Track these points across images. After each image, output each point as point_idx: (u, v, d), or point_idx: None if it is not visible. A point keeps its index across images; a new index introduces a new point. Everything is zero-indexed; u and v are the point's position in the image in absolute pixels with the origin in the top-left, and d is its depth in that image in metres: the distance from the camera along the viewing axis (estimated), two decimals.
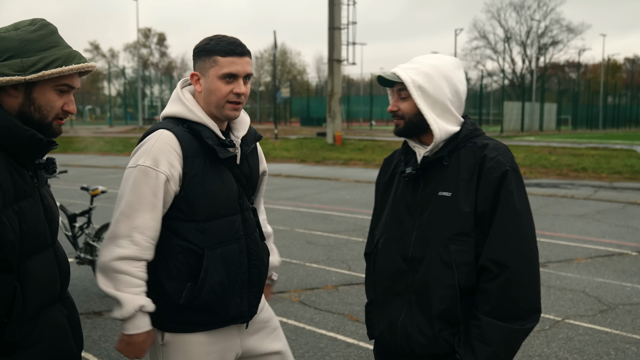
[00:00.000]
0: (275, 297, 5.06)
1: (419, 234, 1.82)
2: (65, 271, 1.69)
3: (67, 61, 1.51)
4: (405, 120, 1.85)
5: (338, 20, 23.21)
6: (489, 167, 1.74)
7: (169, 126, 1.83)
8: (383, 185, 2.03)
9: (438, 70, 1.81)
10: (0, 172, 1.43)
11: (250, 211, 1.98)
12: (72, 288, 5.29)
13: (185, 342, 1.88)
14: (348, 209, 9.58)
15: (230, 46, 1.80)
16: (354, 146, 21.91)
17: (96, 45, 70.13)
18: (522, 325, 1.70)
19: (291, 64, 73.60)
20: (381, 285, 1.93)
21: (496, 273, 1.69)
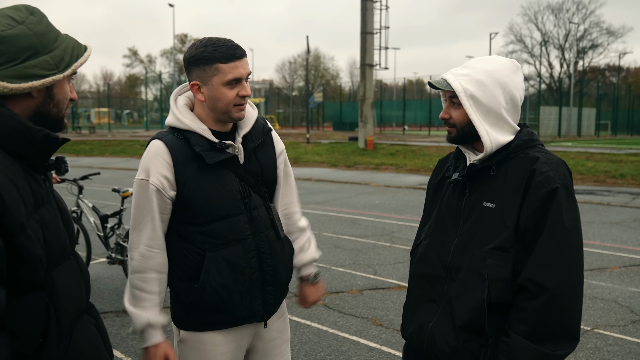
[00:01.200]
0: None
1: (459, 243, 1.77)
2: (88, 277, 1.61)
3: (80, 49, 1.45)
4: (457, 129, 1.78)
5: (370, 25, 23.20)
6: (538, 182, 1.64)
7: (161, 135, 1.88)
8: (434, 186, 1.98)
9: (492, 76, 1.72)
10: (20, 182, 1.30)
11: (261, 209, 1.96)
12: (104, 287, 5.46)
13: (200, 341, 1.92)
14: (377, 213, 9.56)
15: (229, 51, 1.79)
16: (385, 151, 21.82)
17: (134, 51, 71.94)
18: (554, 351, 1.61)
19: (324, 69, 73.84)
20: (416, 289, 1.91)
21: (535, 294, 1.61)
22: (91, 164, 18.13)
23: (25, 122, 1.32)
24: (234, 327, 1.94)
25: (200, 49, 1.80)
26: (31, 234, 1.27)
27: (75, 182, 5.72)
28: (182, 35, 72.74)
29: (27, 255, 1.26)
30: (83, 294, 1.52)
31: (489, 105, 1.72)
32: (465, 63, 1.81)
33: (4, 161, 1.28)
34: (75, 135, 35.25)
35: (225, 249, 1.86)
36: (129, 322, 4.44)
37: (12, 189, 1.25)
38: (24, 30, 1.33)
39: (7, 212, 1.21)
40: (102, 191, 11.11)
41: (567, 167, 1.72)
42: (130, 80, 72.04)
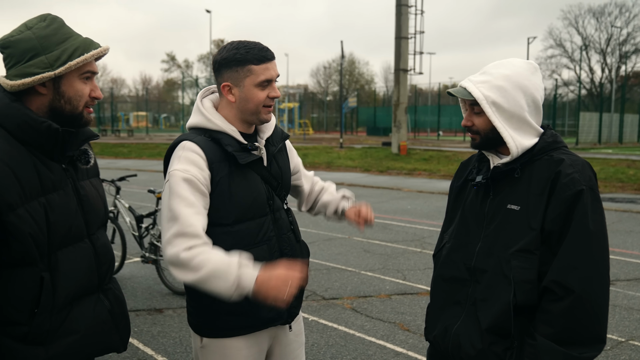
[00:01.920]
0: (327, 303, 5.13)
1: (484, 245, 1.77)
2: (106, 262, 1.70)
3: (86, 48, 1.54)
4: (481, 136, 1.79)
5: (405, 30, 23.10)
6: (563, 184, 1.64)
7: (190, 137, 1.85)
8: (456, 189, 1.99)
9: (512, 81, 1.71)
10: (23, 168, 1.46)
11: (282, 211, 1.99)
12: (137, 285, 5.60)
13: (223, 346, 1.90)
14: (408, 219, 9.50)
15: (261, 53, 1.82)
16: (419, 156, 21.65)
17: (172, 57, 73.34)
18: (580, 353, 1.60)
19: (359, 74, 73.75)
20: (440, 291, 1.91)
21: (560, 296, 1.60)
22: (128, 166, 18.57)
23: (32, 115, 1.48)
24: (256, 332, 1.93)
25: (232, 51, 1.83)
26: (23, 214, 1.43)
27: (113, 183, 5.90)
28: (219, 40, 73.80)
29: (17, 233, 1.42)
30: (92, 275, 1.63)
31: (511, 110, 1.71)
32: (483, 69, 1.80)
33: (5, 148, 1.45)
34: (114, 138, 36.18)
35: (252, 250, 1.85)
36: (160, 321, 4.58)
37: (6, 172, 1.42)
38: (29, 35, 1.49)
39: None
40: (138, 192, 11.39)
41: (592, 169, 1.72)
42: (167, 85, 73.52)
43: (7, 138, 1.47)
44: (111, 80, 70.08)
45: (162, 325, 4.56)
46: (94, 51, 1.54)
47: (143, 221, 5.81)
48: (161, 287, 5.50)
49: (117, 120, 48.41)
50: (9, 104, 1.49)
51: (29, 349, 1.49)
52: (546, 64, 66.43)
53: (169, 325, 4.54)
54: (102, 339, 1.67)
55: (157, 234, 5.55)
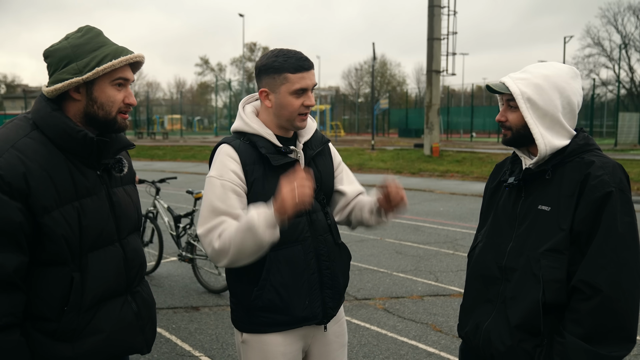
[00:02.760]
0: (359, 303, 5.18)
1: (515, 245, 1.80)
2: (135, 266, 1.77)
3: (116, 55, 1.61)
4: (513, 132, 1.83)
5: (438, 31, 22.94)
6: (592, 185, 1.66)
7: (229, 140, 1.97)
8: (490, 190, 2.02)
9: (550, 81, 1.75)
10: (59, 173, 1.55)
11: (320, 214, 2.03)
12: (175, 284, 5.76)
13: (262, 342, 1.96)
14: (440, 220, 9.47)
15: (299, 62, 1.89)
16: (451, 158, 21.46)
17: (206, 60, 74.39)
18: (609, 352, 1.62)
19: (391, 75, 73.46)
20: (473, 289, 1.95)
21: (589, 295, 1.63)
22: (164, 168, 18.98)
23: (70, 123, 1.58)
24: (293, 329, 1.98)
25: (271, 59, 1.90)
26: (57, 216, 1.52)
27: (153, 184, 6.09)
28: (251, 44, 74.64)
29: (50, 233, 1.52)
30: (120, 278, 1.70)
31: (545, 108, 1.75)
32: (524, 68, 1.84)
33: (44, 153, 1.55)
34: (150, 141, 36.95)
35: (286, 249, 1.91)
36: (197, 318, 4.71)
37: (43, 176, 1.52)
38: (65, 44, 1.60)
39: (31, 194, 1.49)
40: (174, 194, 11.64)
41: (624, 172, 1.73)
42: (201, 88, 74.68)
43: (47, 144, 1.57)
44: (147, 84, 71.58)
45: (198, 322, 4.69)
46: (122, 58, 1.60)
47: (181, 221, 5.98)
48: (197, 286, 5.65)
49: (152, 123, 49.42)
50: (50, 112, 1.58)
51: (56, 345, 1.58)
52: (584, 63, 64.83)
53: (206, 323, 4.67)
54: (126, 340, 1.73)
55: (194, 234, 5.71)
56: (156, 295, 5.40)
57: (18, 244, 1.48)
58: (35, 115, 1.61)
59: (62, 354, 1.58)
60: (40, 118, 1.59)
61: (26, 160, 1.51)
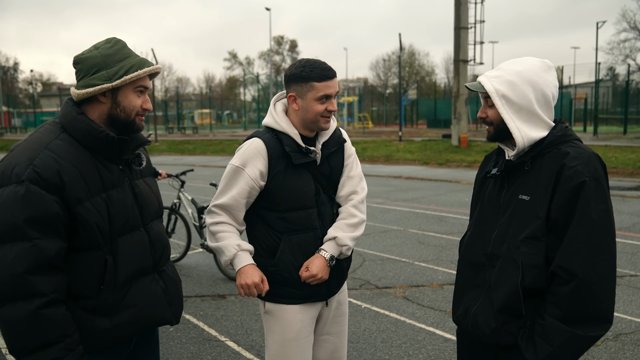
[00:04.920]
0: (380, 292, 5.32)
1: (499, 233, 1.92)
2: (160, 248, 2.01)
3: (141, 66, 1.83)
4: (494, 126, 1.93)
5: (465, 20, 22.70)
6: (567, 175, 1.77)
7: (260, 134, 2.25)
8: (479, 181, 2.14)
9: (522, 76, 1.85)
10: (88, 169, 1.78)
11: (327, 206, 2.32)
12: (202, 274, 6.01)
13: (282, 310, 2.28)
14: (464, 211, 9.50)
15: (324, 72, 2.15)
16: (480, 148, 21.28)
17: (234, 54, 75.02)
18: (586, 332, 1.73)
19: (419, 65, 72.76)
20: (462, 275, 2.08)
21: (566, 279, 1.74)
22: (194, 162, 19.37)
23: (93, 125, 1.80)
24: (306, 302, 2.29)
25: (299, 69, 2.17)
26: (89, 206, 1.75)
27: (177, 178, 6.35)
28: (279, 37, 74.95)
29: (84, 222, 1.74)
30: (147, 258, 1.94)
31: (520, 103, 1.85)
32: (499, 66, 1.96)
33: (73, 152, 1.77)
34: (180, 136, 37.61)
35: (299, 234, 2.25)
36: (223, 306, 4.93)
37: (74, 172, 1.74)
38: (95, 53, 1.81)
39: (65, 188, 1.70)
40: (202, 187, 11.94)
41: (600, 161, 1.83)
42: (230, 82, 75.36)
43: (75, 144, 1.79)
44: (177, 80, 72.59)
45: (225, 309, 4.90)
46: (146, 68, 1.83)
47: (204, 212, 6.21)
48: (224, 275, 5.87)
49: (182, 118, 50.22)
50: (76, 116, 1.80)
51: (97, 319, 1.81)
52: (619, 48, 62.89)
53: (231, 310, 4.88)
54: (157, 312, 1.96)
55: None
56: (185, 284, 5.64)
57: (57, 232, 1.70)
58: (62, 119, 1.83)
59: (102, 327, 1.81)
60: (67, 122, 1.81)
61: (59, 159, 1.72)
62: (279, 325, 2.28)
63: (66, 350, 1.70)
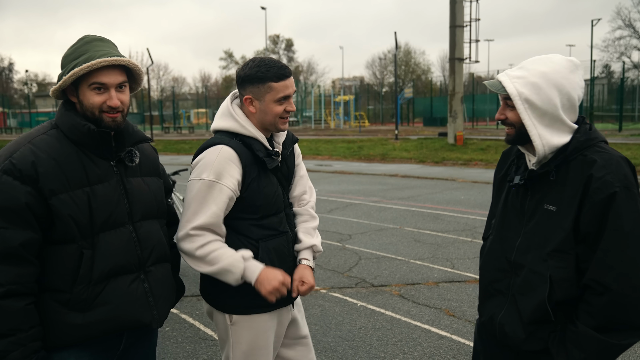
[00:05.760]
0: (376, 290, 5.33)
1: (523, 241, 1.85)
2: (149, 247, 1.92)
3: (86, 61, 1.75)
4: (516, 129, 1.82)
5: (460, 18, 22.71)
6: (595, 188, 1.68)
7: (225, 140, 2.07)
8: (498, 180, 2.07)
9: (548, 78, 1.74)
10: (69, 162, 1.77)
11: (288, 207, 2.27)
12: (197, 273, 5.92)
13: (252, 320, 2.17)
14: (460, 209, 9.52)
15: (280, 71, 2.04)
16: (476, 146, 21.32)
17: (230, 54, 74.93)
18: (619, 341, 1.71)
19: (415, 64, 72.81)
20: (485, 280, 2.02)
21: (600, 292, 1.70)
22: (190, 162, 19.30)
23: (77, 119, 1.80)
24: (271, 310, 2.19)
25: (254, 69, 2.05)
26: (65, 198, 1.73)
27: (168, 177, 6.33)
28: (274, 36, 74.86)
29: (58, 213, 1.73)
30: (130, 257, 1.87)
31: (544, 108, 1.74)
32: (522, 63, 1.83)
33: (56, 146, 1.77)
34: (176, 135, 37.55)
35: (274, 239, 2.15)
36: None
37: (52, 165, 1.73)
38: (67, 51, 1.84)
39: (39, 180, 1.70)
40: None
41: (629, 164, 1.76)
42: (226, 82, 75.21)
43: (62, 139, 1.79)
44: (172, 79, 72.46)
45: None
46: (84, 65, 1.73)
47: None
48: None
49: (178, 117, 50.14)
50: (64, 112, 1.83)
51: (70, 313, 1.77)
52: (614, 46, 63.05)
53: None
54: (133, 313, 1.87)
55: None
56: None
57: (27, 223, 1.69)
58: (56, 117, 1.86)
59: (73, 322, 1.78)
60: (58, 118, 1.85)
61: (38, 151, 1.74)
62: (248, 335, 2.17)
63: (16, 345, 1.66)
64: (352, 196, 11.22)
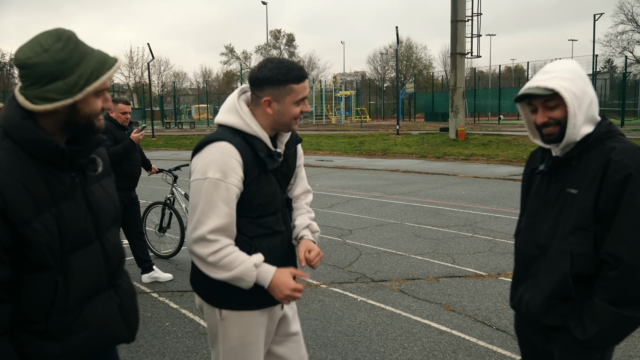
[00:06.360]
0: (376, 285, 5.33)
1: (550, 225, 2.01)
2: (116, 260, 1.79)
3: (101, 70, 1.59)
4: (560, 127, 1.95)
5: (462, 13, 22.64)
6: (613, 169, 1.85)
7: (228, 137, 2.03)
8: (527, 176, 2.23)
9: (575, 73, 1.95)
10: (35, 183, 1.54)
11: (285, 207, 2.26)
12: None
13: (241, 316, 2.15)
14: (461, 204, 9.51)
15: (300, 73, 2.05)
16: (477, 141, 21.28)
17: (231, 49, 74.73)
18: (633, 313, 1.83)
19: (417, 59, 72.63)
20: (518, 267, 2.18)
21: (614, 265, 1.84)
22: None
23: (41, 134, 1.56)
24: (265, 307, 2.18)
25: (274, 70, 2.03)
26: (37, 226, 1.53)
27: (170, 173, 6.36)
28: (276, 31, 74.69)
29: (32, 243, 1.53)
30: (102, 275, 1.73)
31: (582, 97, 1.93)
32: (542, 70, 2.01)
33: (18, 165, 1.54)
34: (177, 131, 37.55)
35: (269, 238, 2.14)
36: None
37: (19, 190, 1.52)
38: (46, 59, 1.53)
39: (9, 210, 1.49)
40: None
41: None
42: (227, 77, 75.09)
43: (19, 153, 1.55)
44: (173, 75, 72.32)
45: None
46: (108, 73, 1.60)
47: None
48: None
49: (179, 113, 50.12)
50: (20, 122, 1.55)
51: (46, 344, 1.62)
52: (616, 40, 62.78)
53: None
54: (112, 332, 1.78)
55: None
56: (181, 278, 5.65)
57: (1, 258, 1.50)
58: (5, 123, 1.59)
59: (52, 352, 1.64)
60: (10, 127, 1.57)
61: (1, 174, 1.51)
62: (238, 331, 2.15)
63: None
64: (353, 191, 11.22)
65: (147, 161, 6.04)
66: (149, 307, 4.89)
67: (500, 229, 7.59)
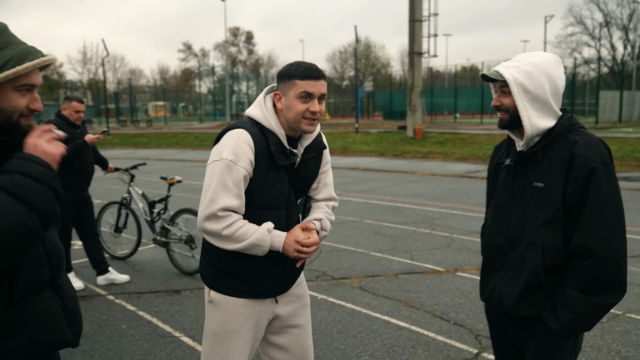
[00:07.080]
0: (336, 282, 5.36)
1: (518, 217, 2.07)
2: (56, 259, 1.73)
3: (21, 59, 1.48)
4: (509, 114, 2.05)
5: (419, 13, 22.99)
6: (578, 163, 1.90)
7: (248, 126, 2.15)
8: (492, 170, 2.29)
9: (539, 67, 1.99)
10: None
11: (294, 208, 2.29)
12: (157, 269, 5.90)
13: (227, 302, 2.23)
14: (419, 201, 9.67)
15: (307, 71, 2.11)
16: (434, 139, 21.67)
17: (189, 46, 73.61)
18: (603, 300, 1.91)
19: (375, 58, 73.33)
20: (488, 259, 2.23)
21: (585, 256, 1.90)
22: (148, 156, 18.95)
23: None
24: (254, 298, 2.24)
25: (287, 67, 2.16)
26: None
27: (126, 172, 6.21)
28: (234, 28, 74.01)
29: None
30: (44, 271, 1.67)
31: (535, 92, 1.98)
32: (514, 57, 2.08)
33: None
34: (134, 129, 36.73)
35: None
36: (178, 301, 4.87)
37: None
38: None
39: None
40: (155, 181, 11.71)
41: (605, 146, 1.98)
42: (185, 74, 73.96)
43: None
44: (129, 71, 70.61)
45: (179, 304, 4.83)
46: (27, 64, 1.49)
47: (155, 206, 6.13)
48: (178, 271, 5.78)
49: (136, 110, 49.00)
50: None
51: None
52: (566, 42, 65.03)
53: (186, 305, 4.81)
54: (57, 333, 1.71)
55: (167, 218, 5.86)
56: (139, 279, 5.54)
57: None
58: None
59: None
60: None
61: None
62: (220, 316, 2.24)
63: None
64: None
65: (103, 159, 5.89)
66: (105, 309, 4.77)
67: (457, 225, 7.75)
